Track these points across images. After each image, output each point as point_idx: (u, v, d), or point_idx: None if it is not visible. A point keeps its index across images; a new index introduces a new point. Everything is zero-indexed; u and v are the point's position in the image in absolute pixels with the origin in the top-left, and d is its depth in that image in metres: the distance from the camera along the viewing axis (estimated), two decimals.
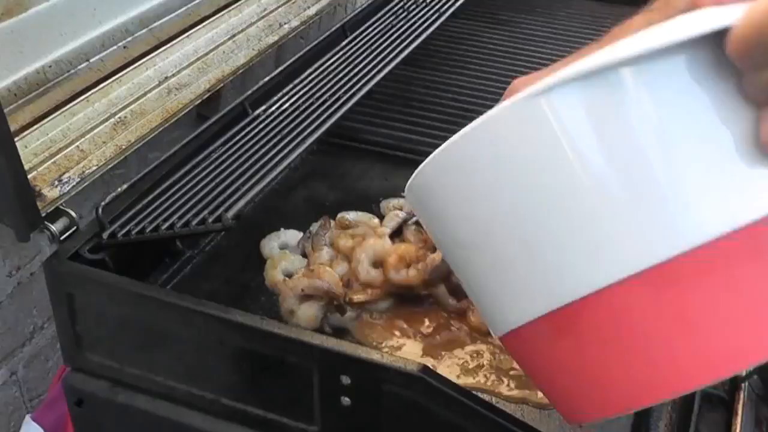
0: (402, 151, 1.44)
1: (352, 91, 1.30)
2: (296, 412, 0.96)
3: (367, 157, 1.45)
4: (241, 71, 1.38)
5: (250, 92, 1.31)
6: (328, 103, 1.26)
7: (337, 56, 1.44)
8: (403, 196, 1.32)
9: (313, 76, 1.38)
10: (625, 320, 0.59)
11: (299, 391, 0.95)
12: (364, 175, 1.42)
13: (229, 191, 1.07)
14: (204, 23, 1.42)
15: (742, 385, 1.01)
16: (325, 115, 1.23)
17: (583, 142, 0.57)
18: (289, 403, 0.97)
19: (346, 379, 0.90)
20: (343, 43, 1.48)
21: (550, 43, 1.78)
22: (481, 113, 1.49)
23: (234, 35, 1.42)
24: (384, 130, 1.47)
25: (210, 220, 1.01)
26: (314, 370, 0.92)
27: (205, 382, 1.01)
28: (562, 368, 0.66)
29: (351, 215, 1.25)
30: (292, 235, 1.23)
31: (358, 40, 1.50)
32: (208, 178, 1.12)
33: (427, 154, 1.43)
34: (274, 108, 1.28)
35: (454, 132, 1.46)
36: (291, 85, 1.35)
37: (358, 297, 1.10)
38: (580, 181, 0.58)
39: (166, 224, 1.04)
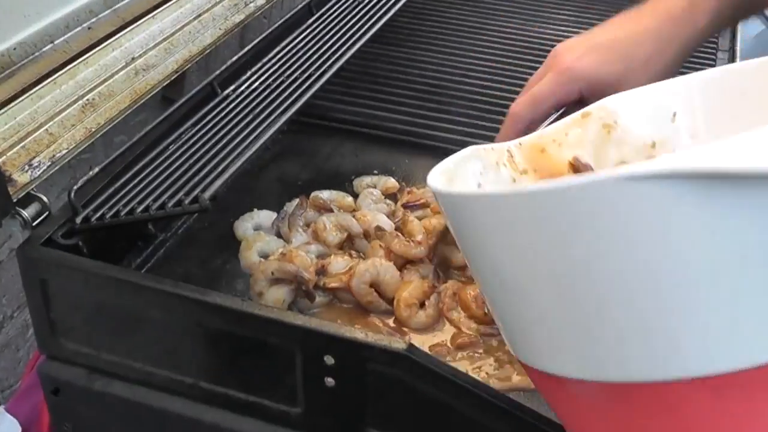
0: (371, 128, 1.44)
1: (322, 68, 1.29)
2: (279, 394, 0.96)
3: (336, 135, 1.44)
4: (207, 51, 1.36)
5: (218, 72, 1.29)
6: (299, 81, 1.25)
7: (305, 34, 1.43)
8: (375, 174, 1.32)
9: (281, 54, 1.36)
10: (679, 413, 0.59)
11: (281, 373, 0.94)
12: (335, 152, 1.41)
13: (203, 172, 1.05)
14: (169, 3, 1.40)
15: None
16: (296, 94, 1.22)
17: (681, 238, 0.54)
18: (271, 385, 0.96)
19: (329, 360, 0.90)
20: (310, 20, 1.47)
21: (514, 17, 1.78)
22: (447, 89, 1.49)
23: (199, 15, 1.40)
24: (352, 107, 1.47)
25: (186, 201, 0.99)
26: (297, 351, 0.91)
27: (184, 367, 1.00)
28: (596, 421, 0.66)
29: (325, 194, 1.24)
30: (265, 216, 1.22)
31: (324, 17, 1.49)
32: (181, 160, 1.11)
33: (395, 130, 1.42)
34: (243, 87, 1.27)
35: (422, 108, 1.44)
36: (259, 65, 1.33)
37: (332, 283, 1.09)
38: (666, 274, 0.56)
39: (141, 207, 1.02)
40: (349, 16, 1.49)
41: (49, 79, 1.19)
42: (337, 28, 1.45)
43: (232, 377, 0.98)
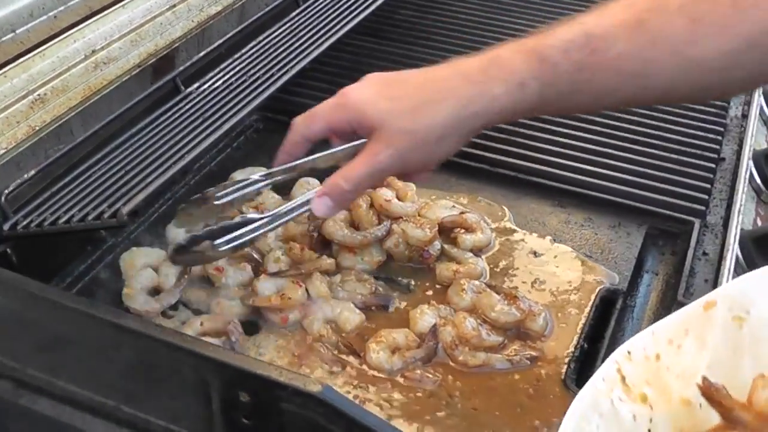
0: None
1: (287, 67, 1.20)
2: (198, 426, 0.88)
3: None
4: (176, 45, 1.28)
5: (182, 68, 1.22)
6: (261, 80, 1.17)
7: (286, 27, 1.35)
8: None
9: (255, 49, 1.29)
10: None
11: (199, 404, 0.87)
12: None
13: (134, 181, 0.99)
14: None
15: None
16: (254, 94, 1.14)
17: None
18: (190, 416, 0.89)
19: (244, 396, 0.82)
20: (294, 12, 1.39)
21: (525, 13, 1.68)
22: None
23: (174, 5, 1.33)
24: None
25: (106, 214, 0.92)
26: (211, 384, 0.84)
27: (106, 389, 0.93)
28: None
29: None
30: None
31: (310, 9, 1.40)
32: (120, 165, 1.04)
33: None
34: (207, 85, 1.19)
35: None
36: (230, 60, 1.25)
37: (260, 303, 1.05)
38: None
39: (66, 217, 0.96)
40: (337, 6, 1.40)
41: (0, 72, 1.12)
42: (321, 20, 1.36)
43: (153, 404, 0.91)
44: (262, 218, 0.96)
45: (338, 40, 1.36)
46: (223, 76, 1.21)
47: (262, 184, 1.00)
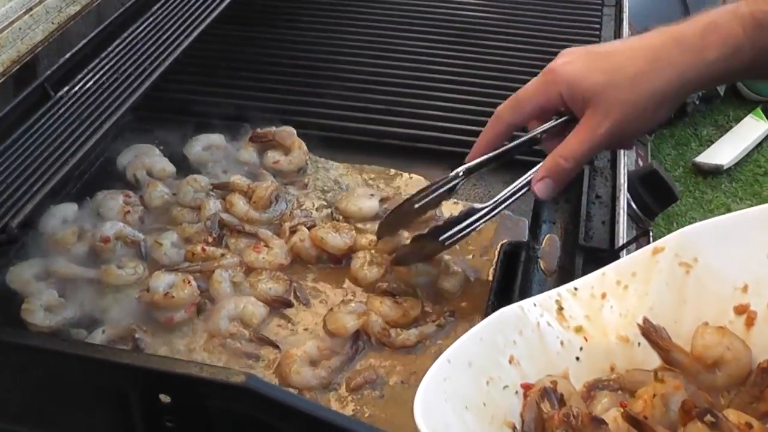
0: (236, 120, 1.31)
1: (158, 61, 1.17)
2: None
3: (197, 130, 1.31)
4: (38, 49, 1.22)
5: (49, 72, 1.17)
6: (134, 77, 1.13)
7: (150, 21, 1.30)
8: None
9: (122, 46, 1.24)
10: None
11: (119, 414, 0.84)
12: None
13: (19, 192, 0.94)
14: None
15: None
16: (128, 92, 1.10)
17: None
18: (111, 428, 0.86)
19: (165, 398, 0.80)
20: (156, 6, 1.34)
21: None
22: (320, 69, 1.36)
23: (31, 8, 1.26)
24: (214, 98, 1.34)
25: None
26: (129, 390, 0.81)
27: (17, 415, 0.89)
28: None
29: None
30: (67, 208, 1.11)
31: (172, 1, 1.36)
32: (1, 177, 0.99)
33: (263, 120, 1.29)
34: (77, 88, 1.14)
35: (294, 93, 1.33)
36: (97, 60, 1.21)
37: (145, 299, 1.02)
38: None
39: None
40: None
41: None
42: (183, 12, 1.33)
43: (68, 423, 0.87)
44: (483, 207, 0.99)
45: (205, 31, 1.33)
46: (93, 76, 1.16)
47: (459, 181, 1.02)
